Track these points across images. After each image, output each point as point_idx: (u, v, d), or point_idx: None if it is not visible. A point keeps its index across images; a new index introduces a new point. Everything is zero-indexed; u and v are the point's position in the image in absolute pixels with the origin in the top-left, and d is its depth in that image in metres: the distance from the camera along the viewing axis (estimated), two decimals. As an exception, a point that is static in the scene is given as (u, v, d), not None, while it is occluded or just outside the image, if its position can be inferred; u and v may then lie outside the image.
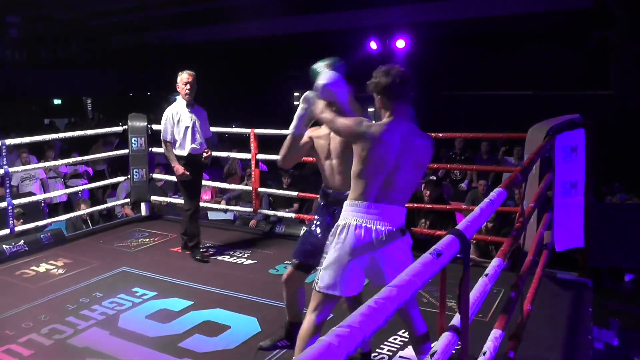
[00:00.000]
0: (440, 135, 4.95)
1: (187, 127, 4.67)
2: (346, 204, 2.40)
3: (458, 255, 1.47)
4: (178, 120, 4.70)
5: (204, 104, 4.89)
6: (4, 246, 4.96)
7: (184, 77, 4.68)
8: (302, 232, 3.09)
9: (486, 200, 1.88)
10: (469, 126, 7.16)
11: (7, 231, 5.11)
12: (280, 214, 5.74)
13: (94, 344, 3.27)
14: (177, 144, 4.72)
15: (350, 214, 2.36)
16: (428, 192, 5.11)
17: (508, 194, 2.06)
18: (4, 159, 5.07)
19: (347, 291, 2.38)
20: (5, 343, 3.21)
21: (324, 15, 13.53)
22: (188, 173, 4.66)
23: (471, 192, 7.83)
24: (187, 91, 4.67)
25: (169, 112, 4.74)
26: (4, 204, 5.10)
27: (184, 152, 4.70)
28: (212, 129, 5.89)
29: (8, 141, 5.11)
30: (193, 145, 4.70)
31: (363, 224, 2.31)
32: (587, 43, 11.58)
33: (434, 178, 5.41)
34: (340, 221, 2.38)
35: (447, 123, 10.98)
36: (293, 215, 5.58)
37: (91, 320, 3.58)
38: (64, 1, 17.30)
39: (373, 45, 12.89)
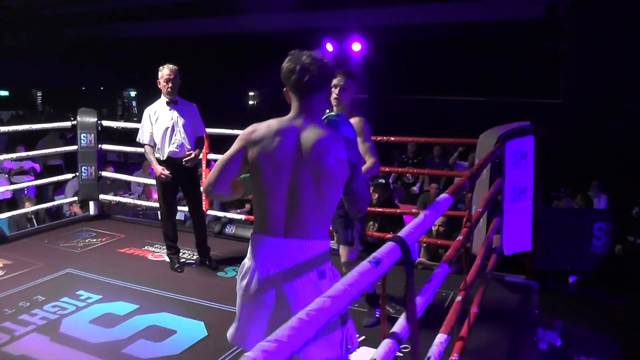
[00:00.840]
0: (393, 138, 5.00)
1: (166, 128, 4.24)
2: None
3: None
4: (156, 120, 4.29)
5: (155, 101, 4.56)
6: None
7: (164, 74, 4.23)
8: None
9: (431, 206, 1.89)
10: (421, 130, 7.24)
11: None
12: (230, 215, 5.66)
13: (31, 352, 3.12)
14: (156, 147, 4.32)
15: (248, 252, 1.99)
16: (377, 195, 5.19)
17: (454, 200, 2.08)
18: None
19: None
20: None
21: (279, 15, 13.48)
22: (168, 173, 4.24)
23: (423, 195, 7.95)
24: (169, 89, 4.23)
25: (147, 112, 4.35)
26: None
27: (162, 156, 4.29)
28: None
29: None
30: (171, 148, 4.27)
31: (258, 267, 1.92)
32: (538, 53, 11.97)
33: (383, 181, 5.49)
34: (246, 260, 2.00)
35: (400, 127, 11.14)
36: (243, 216, 5.50)
37: (30, 326, 3.42)
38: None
39: (329, 47, 12.93)
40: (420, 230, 1.60)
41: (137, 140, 4.45)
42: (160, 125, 4.27)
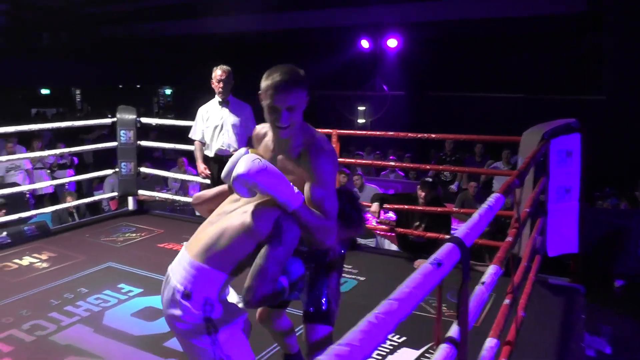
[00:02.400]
0: (434, 136, 4.91)
1: (215, 126, 4.38)
2: None
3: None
4: (207, 118, 4.42)
5: (192, 99, 4.68)
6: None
7: (217, 74, 4.33)
8: None
9: (484, 206, 1.82)
10: (458, 128, 7.09)
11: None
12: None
13: (77, 342, 3.19)
14: (206, 144, 4.48)
15: None
16: (423, 194, 4.83)
17: (506, 199, 2.01)
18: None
19: None
20: (-16, 339, 3.12)
21: (314, 12, 13.42)
22: (209, 172, 4.37)
23: (461, 194, 7.82)
24: (220, 89, 4.34)
25: (200, 110, 4.50)
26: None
27: (210, 153, 4.45)
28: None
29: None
30: (218, 146, 4.41)
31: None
32: (579, 47, 11.60)
33: (430, 179, 5.27)
34: None
35: (437, 124, 10.98)
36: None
37: (75, 317, 3.49)
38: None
39: (364, 43, 12.85)
40: (476, 230, 1.55)
41: (189, 136, 4.54)
42: (210, 123, 4.37)
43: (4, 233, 4.95)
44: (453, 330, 1.47)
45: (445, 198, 7.81)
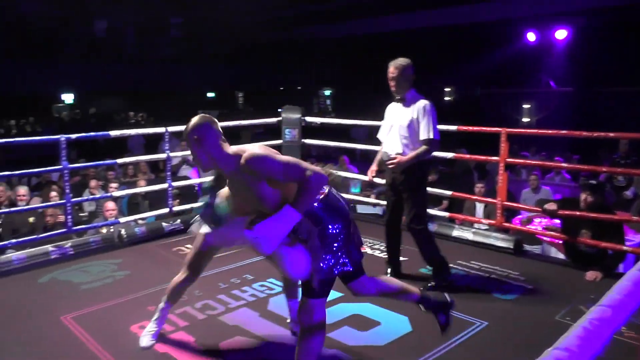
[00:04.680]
0: (612, 135, 4.34)
1: (389, 126, 4.02)
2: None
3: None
4: (386, 117, 4.09)
5: (350, 99, 4.43)
6: (163, 224, 5.28)
7: (388, 72, 3.92)
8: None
9: None
10: (635, 126, 6.19)
11: (166, 210, 5.44)
12: (432, 212, 5.42)
13: (244, 324, 3.28)
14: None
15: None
16: (584, 197, 4.25)
17: None
18: (167, 145, 5.39)
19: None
20: (164, 313, 3.33)
21: (477, 6, 12.79)
22: (372, 177, 4.09)
23: (638, 201, 6.90)
24: (393, 88, 3.93)
25: (387, 108, 4.18)
26: (165, 185, 5.43)
27: (385, 155, 4.06)
28: (356, 122, 5.49)
29: (170, 129, 5.37)
30: (385, 148, 4.02)
31: None
32: None
33: (594, 182, 4.61)
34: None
35: (610, 123, 9.80)
36: (447, 214, 5.24)
37: (241, 301, 3.62)
38: (220, 1, 18.44)
39: (530, 36, 11.99)
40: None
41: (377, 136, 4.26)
42: (385, 122, 4.07)
43: (178, 220, 5.36)
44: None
45: (618, 204, 6.93)
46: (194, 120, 2.40)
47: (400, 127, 3.87)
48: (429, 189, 4.30)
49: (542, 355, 0.90)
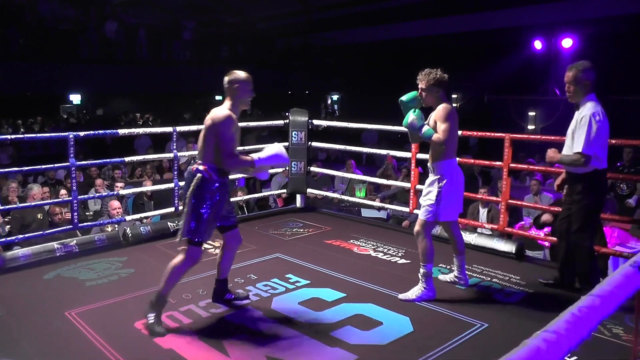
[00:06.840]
0: (613, 141, 4.31)
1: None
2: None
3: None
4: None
5: (358, 104, 4.55)
6: (169, 223, 5.31)
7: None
8: None
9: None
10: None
11: (171, 209, 5.47)
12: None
13: (249, 322, 3.30)
14: None
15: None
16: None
17: None
18: (174, 145, 5.43)
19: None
20: (168, 310, 3.35)
21: (484, 15, 12.82)
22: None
23: (641, 209, 6.88)
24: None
25: None
26: (171, 185, 5.47)
27: None
28: (362, 125, 5.50)
29: (179, 128, 5.43)
30: None
31: None
32: None
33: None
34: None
35: (615, 131, 9.73)
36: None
37: (245, 300, 3.62)
38: (234, 7, 18.58)
39: (537, 44, 12.00)
40: None
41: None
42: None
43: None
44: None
45: (621, 212, 6.91)
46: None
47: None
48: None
49: (531, 337, 0.94)
